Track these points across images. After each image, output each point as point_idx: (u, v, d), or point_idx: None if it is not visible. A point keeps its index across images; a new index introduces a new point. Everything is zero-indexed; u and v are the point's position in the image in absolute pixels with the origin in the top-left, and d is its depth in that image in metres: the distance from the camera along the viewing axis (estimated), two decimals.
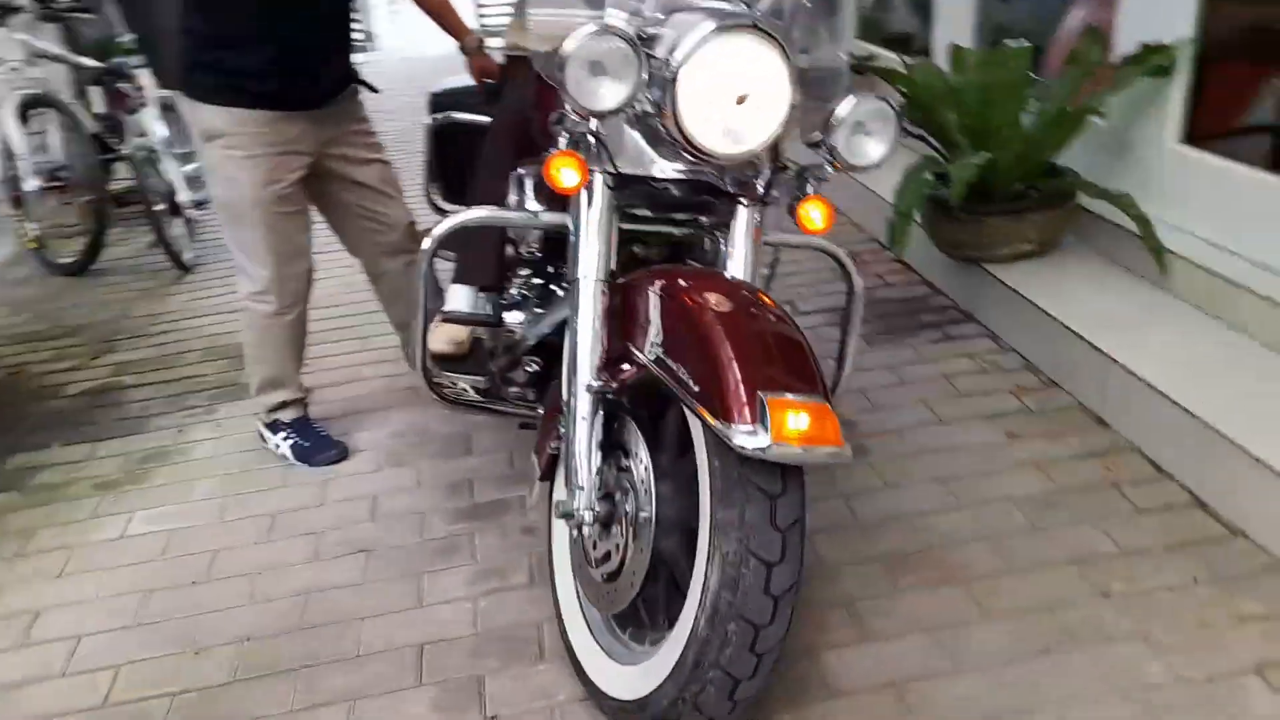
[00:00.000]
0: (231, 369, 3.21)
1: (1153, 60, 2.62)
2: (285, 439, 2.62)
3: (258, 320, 2.52)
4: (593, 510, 1.60)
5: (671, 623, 1.61)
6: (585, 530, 1.61)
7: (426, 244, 1.85)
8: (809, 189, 1.67)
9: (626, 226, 1.74)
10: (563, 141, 1.61)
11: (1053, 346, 2.61)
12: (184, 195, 4.30)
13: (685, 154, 1.59)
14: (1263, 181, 2.44)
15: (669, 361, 1.47)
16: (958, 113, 2.85)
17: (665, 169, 1.65)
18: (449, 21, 2.72)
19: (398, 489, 2.46)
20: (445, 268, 2.33)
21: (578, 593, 1.81)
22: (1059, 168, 2.91)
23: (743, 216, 1.67)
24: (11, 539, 2.39)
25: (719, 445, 1.40)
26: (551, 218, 1.84)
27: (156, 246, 4.29)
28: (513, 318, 2.24)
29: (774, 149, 1.65)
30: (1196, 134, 2.68)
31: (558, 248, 2.26)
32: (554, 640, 1.89)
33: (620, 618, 1.74)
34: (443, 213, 2.96)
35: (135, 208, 4.40)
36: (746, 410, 1.34)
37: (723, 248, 1.71)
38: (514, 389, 2.22)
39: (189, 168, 4.51)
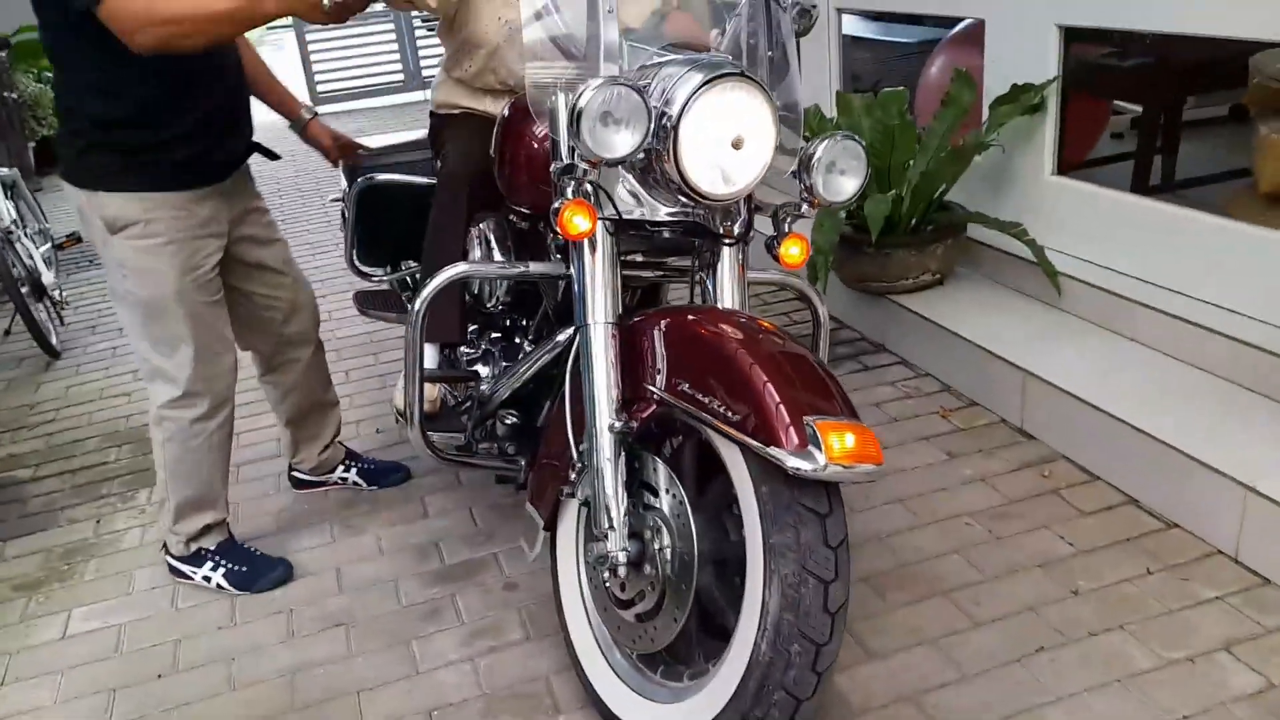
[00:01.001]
0: (139, 453, 3.04)
1: (1023, 99, 2.89)
2: (215, 568, 2.31)
3: (181, 431, 2.20)
4: (626, 551, 1.63)
5: (708, 657, 1.66)
6: (620, 572, 1.63)
7: (419, 303, 1.85)
8: (786, 227, 1.77)
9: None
10: (570, 190, 1.66)
11: (968, 368, 2.81)
12: (48, 277, 4.05)
13: (681, 196, 1.66)
14: (1126, 202, 2.75)
15: (699, 395, 1.53)
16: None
17: (659, 212, 1.72)
18: (277, 98, 2.50)
19: (360, 558, 2.39)
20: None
21: (598, 639, 1.82)
22: (948, 203, 3.16)
23: (728, 255, 1.76)
24: None
25: (765, 471, 1.47)
26: (544, 268, 1.88)
27: (10, 334, 4.03)
28: (483, 372, 2.25)
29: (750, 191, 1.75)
30: (1067, 164, 2.98)
31: (523, 299, 2.30)
32: (568, 691, 1.89)
33: (647, 659, 1.76)
34: (366, 276, 2.93)
35: None
36: (795, 434, 1.42)
37: (710, 287, 1.79)
38: (489, 444, 2.21)
39: (44, 248, 4.27)
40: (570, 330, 1.89)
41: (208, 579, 2.31)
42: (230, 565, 2.32)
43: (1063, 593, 2.01)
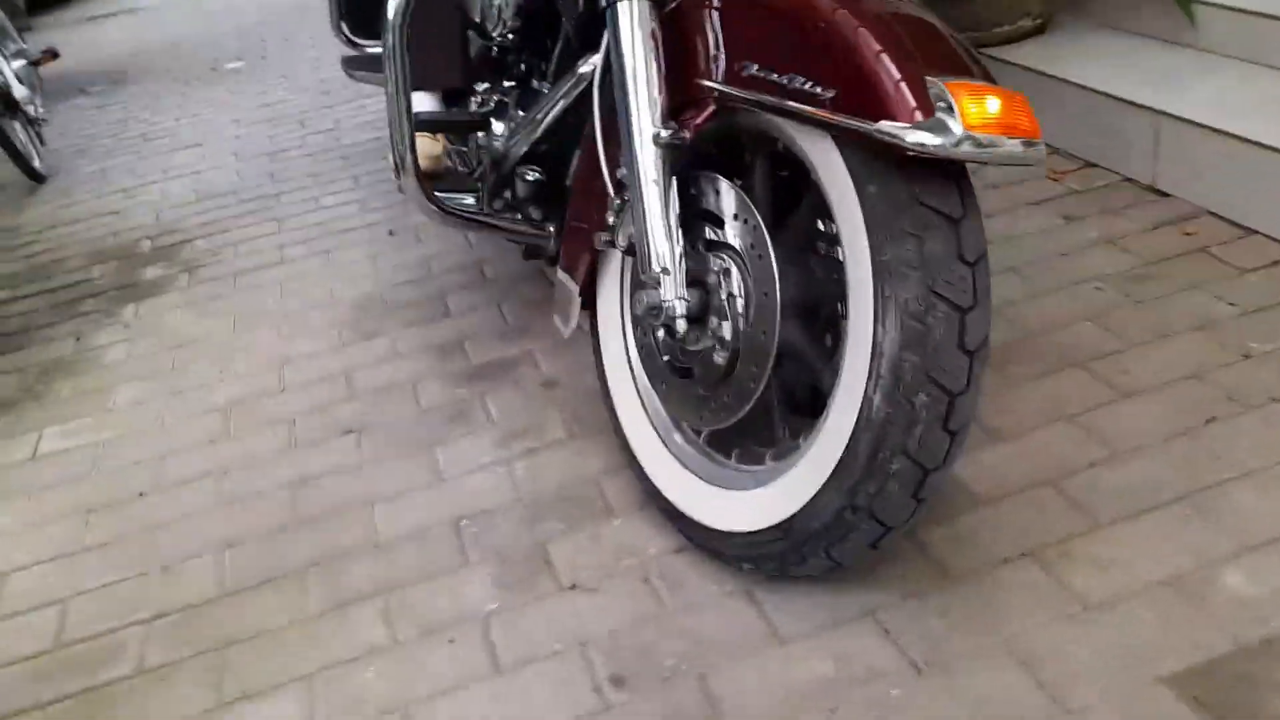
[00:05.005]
0: (125, 269, 2.70)
1: None
2: None
3: None
4: (684, 300, 1.25)
5: (794, 432, 1.30)
6: (678, 327, 1.26)
7: (393, 8, 1.43)
8: None
9: None
10: None
11: (1082, 121, 2.34)
12: (20, 91, 3.65)
13: None
14: None
15: (773, 76, 1.11)
16: None
17: None
18: None
19: (374, 362, 2.05)
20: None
21: (654, 422, 1.46)
22: None
23: None
24: None
25: (872, 163, 1.07)
26: None
27: None
28: (495, 127, 1.85)
29: None
30: None
31: (536, 30, 1.86)
32: (622, 492, 1.55)
33: (717, 442, 1.40)
34: (357, 47, 2.51)
35: None
36: (914, 98, 1.01)
37: None
38: (507, 209, 1.82)
39: (18, 64, 3.86)
40: (599, 54, 1.48)
41: None
42: None
43: (1232, 356, 1.61)
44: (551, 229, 1.76)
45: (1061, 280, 1.89)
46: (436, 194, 1.66)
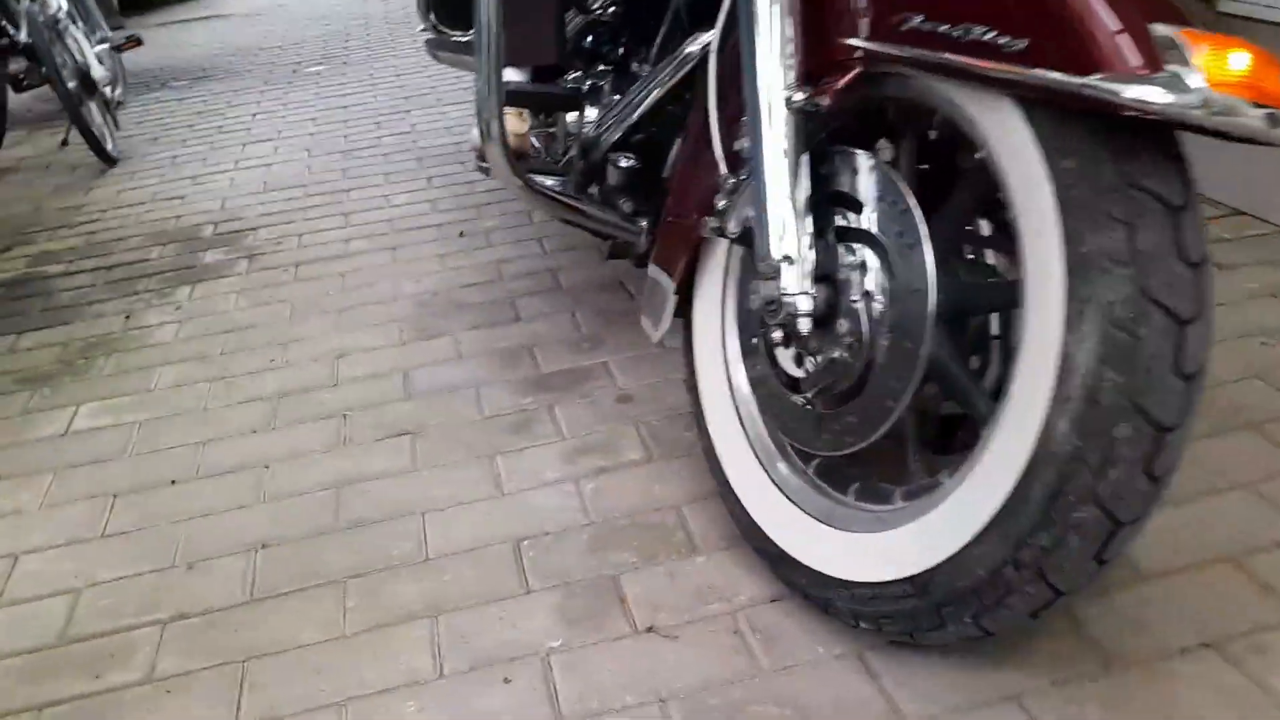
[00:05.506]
0: (184, 252, 2.57)
1: None
2: None
3: None
4: (810, 295, 1.06)
5: (928, 466, 1.09)
6: (800, 327, 1.06)
7: None
8: None
9: None
10: None
11: (1230, 164, 2.12)
12: (98, 71, 3.59)
13: None
14: None
15: (943, 29, 0.92)
16: None
17: None
18: None
19: (435, 362, 1.88)
20: None
21: (754, 445, 1.26)
22: None
23: None
24: None
25: (1067, 136, 0.88)
26: None
27: (68, 144, 3.62)
28: (588, 110, 1.68)
29: None
30: None
31: (639, 5, 1.70)
32: (708, 525, 1.35)
33: (830, 473, 1.20)
34: (442, 34, 2.38)
35: (37, 93, 3.70)
36: (1135, 48, 0.81)
37: None
38: (595, 201, 1.65)
39: (100, 48, 3.82)
40: (709, 33, 1.32)
41: None
42: None
43: None
44: (644, 224, 1.58)
45: (1223, 332, 1.66)
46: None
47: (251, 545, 1.42)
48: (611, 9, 1.62)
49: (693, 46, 1.43)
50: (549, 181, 1.59)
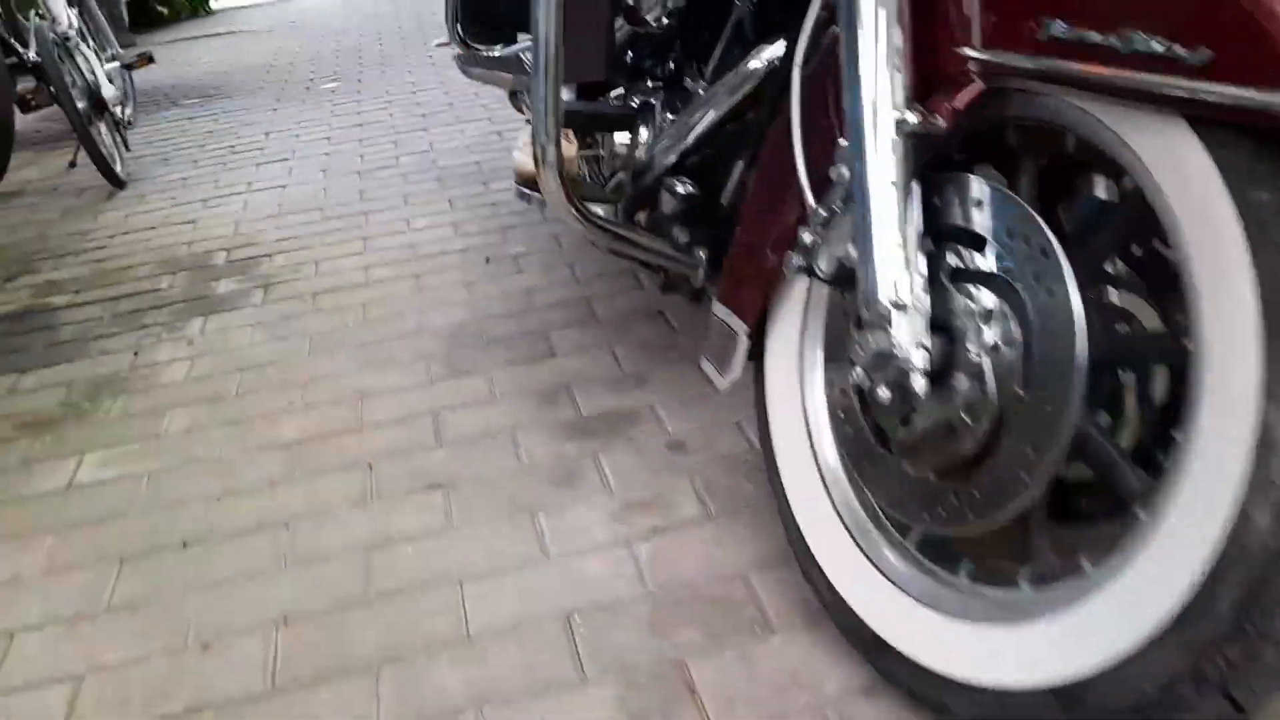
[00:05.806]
0: (196, 281, 2.44)
1: None
2: None
3: None
4: (924, 349, 0.91)
5: (1055, 545, 0.95)
6: (914, 385, 0.91)
7: None
8: None
9: None
10: None
11: None
12: (109, 90, 3.48)
13: None
14: None
15: (1094, 38, 0.78)
16: None
17: None
18: None
19: (466, 403, 1.74)
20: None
21: (842, 513, 1.11)
22: None
23: None
24: None
25: (1257, 163, 0.73)
26: None
27: (76, 166, 3.51)
28: (641, 131, 1.54)
29: None
30: None
31: (698, 17, 1.56)
32: (781, 597, 1.20)
33: (936, 550, 1.05)
34: (472, 49, 2.26)
35: (44, 113, 3.59)
36: None
37: None
38: (646, 228, 1.51)
39: (110, 65, 3.71)
40: (775, 47, 1.18)
41: None
42: None
43: None
44: (702, 256, 1.44)
45: None
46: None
47: (273, 621, 1.27)
48: (665, 20, 1.49)
49: (756, 62, 1.30)
50: (599, 210, 1.45)
